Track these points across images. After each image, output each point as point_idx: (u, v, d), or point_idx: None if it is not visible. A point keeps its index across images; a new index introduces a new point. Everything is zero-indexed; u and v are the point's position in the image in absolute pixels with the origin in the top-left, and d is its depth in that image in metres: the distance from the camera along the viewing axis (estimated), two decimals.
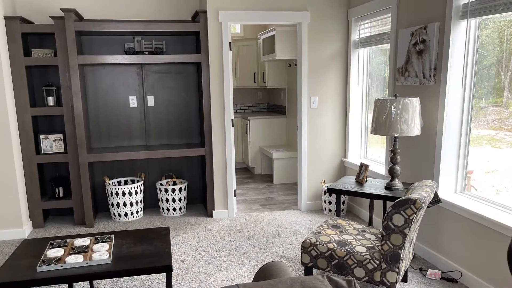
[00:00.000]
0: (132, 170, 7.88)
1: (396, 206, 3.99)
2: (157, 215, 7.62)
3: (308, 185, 7.72)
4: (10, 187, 6.53)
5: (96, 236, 4.46)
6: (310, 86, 7.38)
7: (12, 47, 6.47)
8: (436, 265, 5.42)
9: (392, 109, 4.95)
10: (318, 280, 1.91)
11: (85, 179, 6.93)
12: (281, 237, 6.51)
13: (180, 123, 7.91)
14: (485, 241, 4.61)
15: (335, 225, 5.01)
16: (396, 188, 5.30)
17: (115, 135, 7.68)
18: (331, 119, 7.56)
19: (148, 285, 5.10)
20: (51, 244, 4.23)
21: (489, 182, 4.95)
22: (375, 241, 4.55)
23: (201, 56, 7.00)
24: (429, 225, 5.54)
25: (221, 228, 6.91)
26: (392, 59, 6.08)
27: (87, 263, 3.84)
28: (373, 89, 7.12)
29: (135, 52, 7.06)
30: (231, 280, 5.22)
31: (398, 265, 4.13)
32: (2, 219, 6.60)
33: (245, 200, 8.50)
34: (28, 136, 6.75)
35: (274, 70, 10.54)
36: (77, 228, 7.01)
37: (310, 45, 7.27)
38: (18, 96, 6.60)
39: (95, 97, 7.48)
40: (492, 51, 4.74)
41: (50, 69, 7.20)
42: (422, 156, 5.63)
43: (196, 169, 8.16)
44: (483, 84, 4.88)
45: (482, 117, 4.95)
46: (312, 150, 7.60)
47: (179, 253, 6.00)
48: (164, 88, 7.73)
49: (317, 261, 4.53)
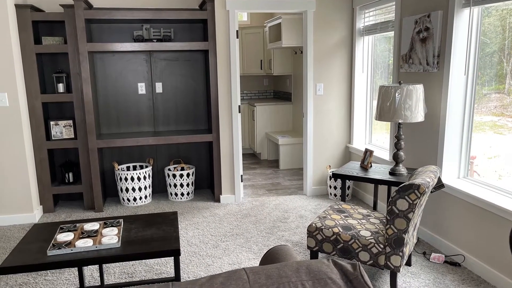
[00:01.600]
0: (140, 155, 7.96)
1: (400, 191, 4.02)
2: (165, 200, 7.68)
3: (313, 170, 7.78)
4: (21, 172, 6.61)
5: (105, 220, 4.46)
6: (316, 73, 7.44)
7: (23, 35, 6.54)
8: (439, 249, 5.47)
9: (396, 95, 5.00)
10: (323, 264, 1.91)
11: (94, 165, 6.99)
12: (287, 221, 6.57)
13: (188, 109, 7.97)
14: (488, 226, 4.65)
15: (340, 209, 5.04)
16: (400, 173, 5.34)
17: (124, 122, 7.76)
18: (336, 106, 7.62)
19: (157, 268, 5.16)
20: (61, 229, 4.23)
21: (491, 168, 5.00)
22: (380, 225, 4.58)
23: (209, 44, 7.05)
24: (433, 210, 5.58)
25: (228, 213, 6.97)
26: (396, 46, 6.12)
27: (97, 247, 3.85)
28: (378, 76, 7.16)
29: (143, 40, 7.11)
30: (238, 263, 5.26)
31: (402, 249, 4.16)
32: (13, 204, 6.68)
33: (252, 185, 8.56)
34: (39, 122, 6.82)
35: (280, 57, 10.58)
36: (87, 213, 7.08)
37: (315, 33, 7.32)
38: (29, 83, 6.67)
39: (104, 84, 7.56)
40: (495, 39, 4.78)
41: (60, 57, 7.26)
42: (425, 142, 5.67)
43: (203, 154, 8.22)
44: (486, 71, 4.92)
45: (484, 104, 5.00)
46: (318, 136, 7.66)
47: (187, 237, 6.05)
48: (172, 75, 7.79)
49: (323, 245, 4.56)
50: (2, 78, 6.31)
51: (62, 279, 4.94)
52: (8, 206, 6.67)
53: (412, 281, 4.72)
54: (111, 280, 4.93)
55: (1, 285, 4.81)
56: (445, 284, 4.62)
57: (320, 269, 1.87)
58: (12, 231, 6.39)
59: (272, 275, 1.84)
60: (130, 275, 5.03)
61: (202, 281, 1.82)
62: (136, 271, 5.12)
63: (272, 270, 1.89)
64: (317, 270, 1.87)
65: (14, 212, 6.71)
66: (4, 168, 6.54)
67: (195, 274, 5.01)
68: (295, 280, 1.80)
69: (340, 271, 1.87)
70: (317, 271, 1.86)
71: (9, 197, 6.64)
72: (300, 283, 1.79)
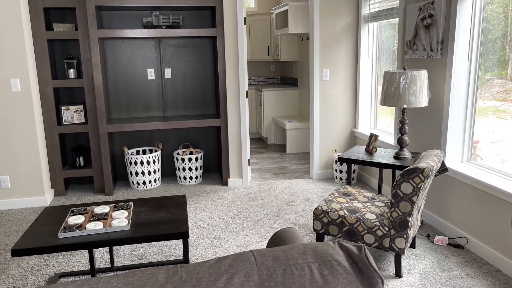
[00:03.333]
0: (150, 140, 8.03)
1: (404, 174, 4.07)
2: (174, 184, 7.75)
3: (320, 154, 7.84)
4: (32, 156, 6.68)
5: (115, 203, 4.50)
6: (322, 59, 7.49)
7: (34, 21, 6.60)
8: (443, 231, 5.52)
9: (401, 81, 5.04)
10: (329, 246, 1.92)
11: (104, 149, 7.06)
12: (294, 204, 6.62)
13: (197, 94, 8.03)
14: (490, 209, 4.70)
15: (346, 193, 5.09)
16: (404, 157, 5.40)
17: (134, 107, 7.83)
18: (342, 91, 7.67)
19: (166, 250, 5.20)
20: (72, 212, 4.28)
21: (494, 152, 5.06)
22: (384, 208, 4.63)
23: (217, 30, 7.09)
24: (437, 193, 5.63)
25: (236, 196, 7.03)
26: (401, 33, 6.15)
27: (107, 229, 3.89)
28: (383, 62, 7.22)
29: (153, 26, 7.17)
30: (246, 246, 5.31)
31: (406, 232, 4.22)
32: (25, 187, 6.75)
33: (259, 169, 8.63)
34: (50, 107, 6.89)
35: (287, 43, 10.61)
36: (97, 196, 7.15)
37: (321, 20, 7.35)
38: (40, 69, 6.74)
39: (114, 69, 7.62)
40: (497, 25, 4.82)
41: (71, 43, 7.32)
42: (429, 127, 5.72)
43: (212, 139, 8.29)
44: (489, 57, 4.96)
45: (487, 89, 5.04)
46: (324, 121, 7.71)
47: (196, 220, 6.11)
48: (181, 61, 7.85)
49: (329, 228, 4.62)
50: (14, 64, 6.38)
51: (73, 261, 4.99)
52: (20, 190, 6.74)
53: (416, 263, 4.77)
54: (121, 262, 4.98)
55: (13, 267, 4.87)
56: (448, 266, 4.68)
57: (326, 251, 1.88)
58: (24, 214, 6.46)
59: (279, 257, 1.85)
60: (140, 257, 5.08)
61: (211, 263, 1.84)
62: (145, 253, 5.17)
63: (279, 252, 1.90)
64: (323, 252, 1.88)
65: (26, 196, 6.78)
66: (16, 153, 6.61)
67: (203, 256, 5.05)
68: (301, 262, 1.82)
69: (345, 253, 1.88)
70: (323, 253, 1.87)
71: (21, 180, 6.72)
72: (307, 265, 1.80)
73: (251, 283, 1.74)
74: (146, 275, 1.77)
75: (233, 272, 1.78)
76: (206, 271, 1.78)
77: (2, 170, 6.65)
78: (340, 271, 1.80)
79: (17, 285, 4.52)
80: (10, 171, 6.67)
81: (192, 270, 1.79)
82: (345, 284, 1.77)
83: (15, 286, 4.49)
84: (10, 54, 6.36)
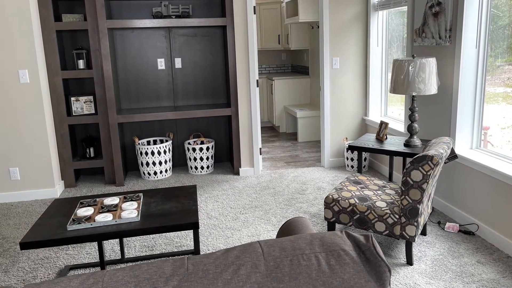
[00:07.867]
0: (160, 130, 8.05)
1: (414, 162, 4.07)
2: (185, 174, 7.77)
3: (331, 142, 7.84)
4: (42, 148, 6.69)
5: (125, 195, 4.50)
6: (332, 47, 7.47)
7: (43, 12, 6.61)
8: (453, 218, 5.52)
9: (410, 69, 5.03)
10: (336, 236, 1.92)
11: (115, 140, 7.07)
12: (305, 193, 6.62)
13: (207, 84, 8.03)
14: (501, 195, 4.69)
15: (357, 181, 5.11)
16: (414, 145, 5.40)
17: (144, 97, 7.84)
18: (352, 79, 7.66)
19: (177, 241, 5.22)
20: (81, 203, 4.27)
21: (505, 138, 5.04)
22: (395, 196, 4.64)
23: (227, 20, 7.08)
24: (447, 180, 5.62)
25: (247, 185, 7.04)
26: (410, 21, 6.13)
27: (116, 221, 3.89)
28: (394, 49, 7.19)
29: (162, 16, 7.16)
30: (257, 235, 5.33)
31: (417, 219, 4.23)
32: (35, 179, 6.77)
33: (271, 158, 8.63)
34: (59, 98, 6.91)
35: (297, 32, 10.59)
36: (108, 187, 7.18)
37: (331, 8, 7.32)
38: (50, 60, 6.75)
39: (124, 60, 7.64)
40: (507, 12, 4.81)
41: (80, 33, 7.33)
42: (439, 114, 5.71)
43: (223, 128, 8.30)
44: (499, 43, 4.94)
45: (498, 75, 5.02)
46: (335, 109, 7.70)
47: (207, 210, 6.12)
48: (191, 50, 7.85)
49: (340, 216, 4.63)
50: (23, 55, 6.39)
51: (83, 253, 5.01)
52: (30, 182, 6.77)
53: (427, 250, 4.77)
54: (131, 254, 5.00)
55: (23, 259, 4.90)
56: (459, 253, 4.68)
57: (334, 241, 1.88)
58: (34, 206, 6.49)
59: (286, 248, 1.85)
60: (151, 248, 5.10)
61: (217, 255, 1.84)
62: (156, 244, 5.18)
63: (286, 242, 1.90)
64: (331, 242, 1.88)
65: (36, 188, 6.81)
66: (26, 144, 6.63)
67: (214, 247, 5.06)
68: (308, 252, 1.81)
69: (353, 242, 1.87)
70: (331, 243, 1.87)
71: (31, 172, 6.74)
72: (314, 255, 1.80)
73: (257, 274, 1.74)
74: (152, 267, 1.78)
75: (240, 263, 1.78)
76: (212, 263, 1.79)
77: (12, 162, 6.67)
78: (347, 261, 1.80)
79: (27, 278, 4.55)
80: (20, 163, 6.69)
81: (198, 262, 1.80)
82: (352, 273, 1.78)
83: (25, 279, 4.51)
84: (19, 45, 6.37)
